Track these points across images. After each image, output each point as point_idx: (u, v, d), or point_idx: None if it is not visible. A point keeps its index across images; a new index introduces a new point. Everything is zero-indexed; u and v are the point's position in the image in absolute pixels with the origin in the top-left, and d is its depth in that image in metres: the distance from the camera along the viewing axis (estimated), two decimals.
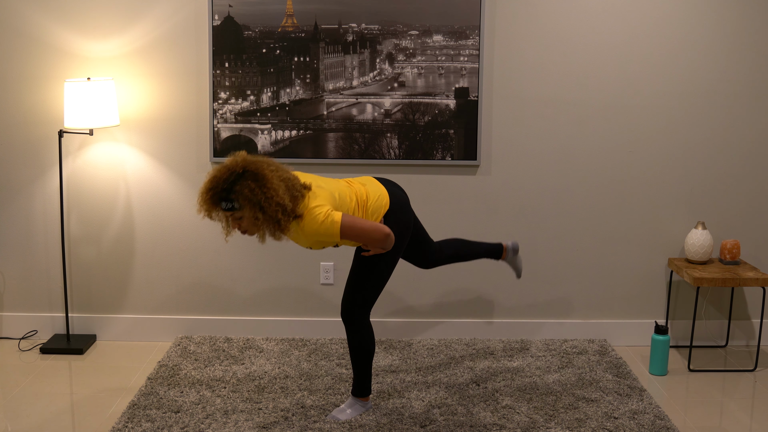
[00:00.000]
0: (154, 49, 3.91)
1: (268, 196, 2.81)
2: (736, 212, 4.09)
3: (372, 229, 2.93)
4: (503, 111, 3.98)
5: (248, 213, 2.84)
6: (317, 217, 2.89)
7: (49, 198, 4.03)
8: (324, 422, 3.20)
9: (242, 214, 2.86)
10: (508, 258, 3.69)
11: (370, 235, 2.94)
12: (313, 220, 2.90)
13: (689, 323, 4.14)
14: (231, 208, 2.85)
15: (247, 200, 2.81)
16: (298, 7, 3.87)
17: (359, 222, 2.93)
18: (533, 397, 3.46)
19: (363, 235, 2.93)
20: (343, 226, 2.89)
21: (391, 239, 2.98)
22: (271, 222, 2.85)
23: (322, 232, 2.91)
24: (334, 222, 2.89)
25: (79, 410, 3.37)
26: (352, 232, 2.92)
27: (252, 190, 2.81)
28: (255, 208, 2.82)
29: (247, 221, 2.88)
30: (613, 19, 3.90)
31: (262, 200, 2.81)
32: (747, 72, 3.96)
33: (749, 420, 3.38)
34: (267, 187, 2.82)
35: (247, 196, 2.81)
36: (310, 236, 2.94)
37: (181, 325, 4.14)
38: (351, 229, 2.91)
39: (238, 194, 2.82)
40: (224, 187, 2.84)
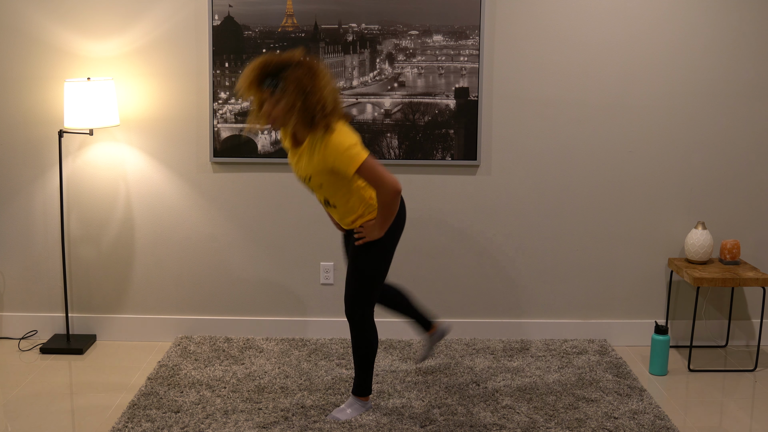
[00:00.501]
0: (154, 49, 3.91)
1: (315, 90, 2.84)
2: (736, 212, 4.09)
3: (389, 180, 2.93)
4: (503, 111, 3.98)
5: (288, 99, 2.85)
6: (345, 141, 2.90)
7: (49, 198, 4.03)
8: (324, 422, 3.20)
9: (281, 98, 2.87)
10: (432, 337, 3.61)
11: (384, 184, 2.93)
12: (341, 142, 2.90)
13: (689, 323, 4.14)
14: (274, 86, 2.86)
15: (293, 84, 2.83)
16: (298, 7, 3.87)
17: (379, 168, 2.93)
18: (533, 397, 3.46)
19: (378, 180, 2.93)
20: (365, 163, 2.90)
21: (396, 203, 2.96)
22: (307, 116, 2.87)
23: (342, 158, 2.89)
24: (360, 154, 2.90)
25: (79, 410, 3.37)
26: (369, 173, 2.92)
27: (302, 78, 2.84)
28: (298, 94, 2.83)
29: (283, 108, 2.88)
30: (613, 19, 3.90)
31: (308, 89, 2.83)
32: (747, 72, 3.96)
33: (749, 420, 3.38)
34: (317, 81, 2.86)
35: (295, 79, 2.84)
36: (328, 157, 2.91)
37: (181, 325, 4.14)
38: (371, 169, 2.91)
39: (287, 76, 2.85)
40: (276, 66, 2.87)
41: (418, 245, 4.08)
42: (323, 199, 3.13)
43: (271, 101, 2.90)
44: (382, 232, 3.06)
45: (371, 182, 2.94)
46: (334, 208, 3.13)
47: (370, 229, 3.08)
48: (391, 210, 2.99)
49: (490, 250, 4.11)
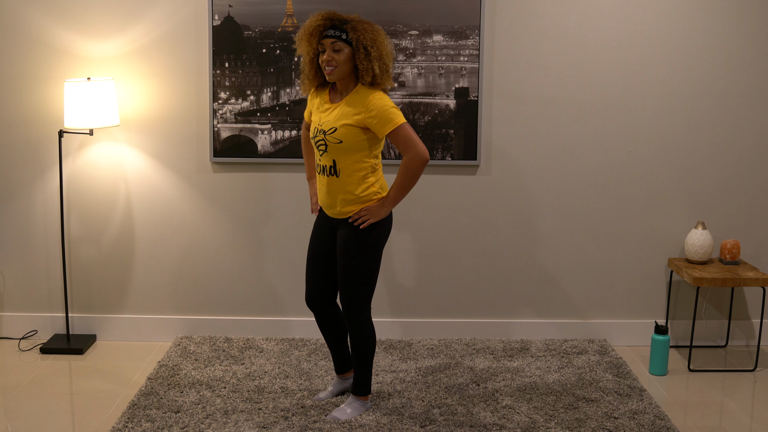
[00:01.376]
0: (154, 49, 3.91)
1: (378, 44, 2.98)
2: (736, 212, 4.09)
3: (421, 147, 2.99)
4: (503, 111, 3.98)
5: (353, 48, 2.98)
6: (389, 102, 3.01)
7: (49, 198, 4.03)
8: (324, 422, 3.20)
9: (344, 47, 2.98)
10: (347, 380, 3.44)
11: (416, 148, 2.98)
12: (386, 99, 3.00)
13: (689, 323, 4.14)
14: (339, 36, 2.97)
15: (359, 34, 2.96)
16: (298, 7, 3.87)
17: (414, 133, 3.00)
18: (533, 397, 3.46)
19: (411, 142, 2.99)
20: (403, 126, 2.98)
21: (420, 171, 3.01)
22: (369, 66, 2.97)
23: (382, 114, 2.96)
24: (399, 115, 2.99)
25: (79, 410, 3.37)
26: (404, 135, 2.98)
27: (367, 31, 2.99)
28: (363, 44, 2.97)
29: (346, 56, 2.99)
30: (613, 18, 3.90)
31: (371, 42, 2.96)
32: (747, 72, 3.96)
33: (749, 420, 3.38)
34: (379, 39, 3.00)
35: (361, 30, 2.96)
36: (371, 109, 2.97)
37: (181, 325, 4.14)
38: (406, 132, 2.98)
39: (353, 26, 2.98)
40: (340, 18, 3.01)
41: (418, 245, 4.08)
42: (330, 163, 3.06)
43: (332, 49, 2.99)
44: (389, 209, 3.06)
45: (404, 143, 2.98)
46: (335, 178, 3.06)
47: (375, 209, 3.06)
48: (413, 177, 3.03)
49: (490, 250, 4.11)
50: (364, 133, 3.01)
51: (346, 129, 3.00)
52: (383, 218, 3.10)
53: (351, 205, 3.09)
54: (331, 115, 3.04)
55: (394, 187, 3.05)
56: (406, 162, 3.00)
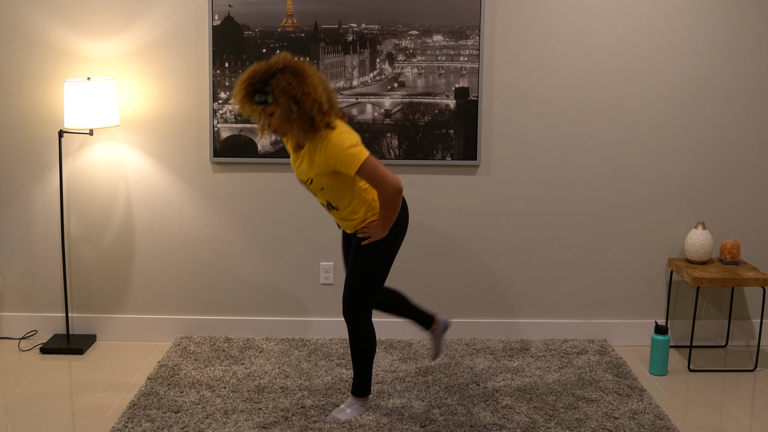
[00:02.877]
0: (154, 49, 3.91)
1: (306, 92, 2.81)
2: (736, 212, 4.09)
3: (390, 178, 2.91)
4: (503, 111, 3.98)
5: (282, 107, 2.83)
6: (347, 140, 2.88)
7: (49, 198, 4.03)
8: (324, 422, 3.20)
9: (275, 110, 2.85)
10: (436, 332, 3.57)
11: (386, 183, 2.91)
12: (342, 141, 2.88)
13: (689, 323, 4.14)
14: (264, 102, 2.84)
15: (282, 92, 2.80)
16: (298, 7, 3.87)
17: (381, 167, 2.91)
18: (533, 397, 3.46)
19: (379, 179, 2.90)
20: (366, 162, 2.88)
21: (398, 201, 2.95)
22: (306, 118, 2.83)
23: (343, 158, 2.87)
24: (362, 153, 2.88)
25: (79, 410, 3.37)
26: (370, 172, 2.89)
27: (289, 84, 2.80)
28: (290, 101, 2.80)
29: (279, 117, 2.86)
30: (613, 19, 3.90)
31: (298, 94, 2.80)
32: (747, 72, 3.96)
33: (749, 420, 3.38)
34: (305, 83, 2.82)
35: (283, 87, 2.80)
36: (329, 157, 2.89)
37: (181, 325, 4.14)
38: (371, 169, 2.89)
39: (273, 87, 2.81)
40: (261, 80, 2.83)
41: (418, 245, 4.08)
42: (326, 203, 3.12)
43: (265, 114, 2.89)
44: (385, 231, 3.06)
45: (372, 182, 2.93)
46: (337, 211, 3.12)
47: (373, 229, 3.08)
48: (393, 209, 2.98)
49: (490, 250, 4.11)
50: (338, 175, 2.98)
51: (320, 178, 2.99)
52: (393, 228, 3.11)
53: (361, 223, 3.14)
54: (303, 166, 3.02)
55: (380, 218, 3.03)
56: (381, 197, 2.96)
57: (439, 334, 3.59)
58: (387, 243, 3.12)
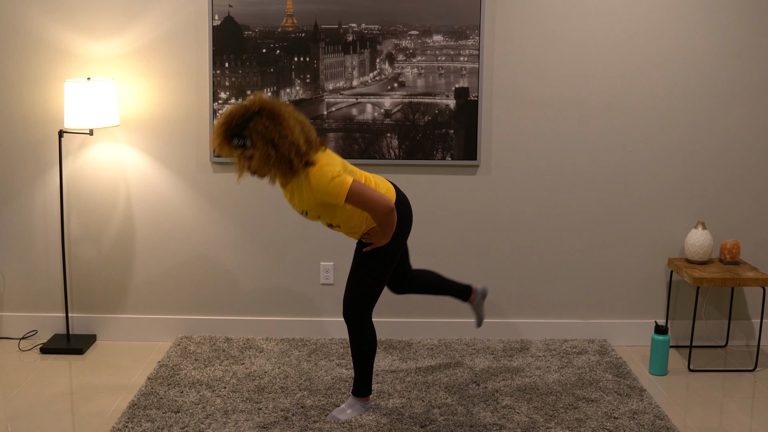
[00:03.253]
0: (154, 49, 3.91)
1: (283, 135, 2.78)
2: (736, 212, 4.09)
3: (379, 199, 2.90)
4: (503, 111, 3.98)
5: (260, 151, 2.81)
6: (327, 174, 2.86)
7: (49, 198, 4.03)
8: (324, 422, 3.20)
9: (253, 153, 2.83)
10: (475, 301, 3.63)
11: (376, 206, 2.90)
12: (324, 175, 2.86)
13: (689, 323, 4.14)
14: (242, 145, 2.82)
15: (260, 137, 2.78)
16: (298, 7, 3.87)
17: (368, 190, 2.90)
18: (533, 397, 3.46)
19: (369, 203, 2.90)
20: (352, 189, 2.86)
21: (393, 217, 2.95)
22: (284, 161, 2.81)
23: (329, 190, 2.86)
24: (344, 182, 2.86)
25: (79, 410, 3.37)
26: (358, 198, 2.88)
27: (266, 127, 2.78)
28: (268, 145, 2.78)
29: (258, 160, 2.84)
30: (613, 19, 3.90)
31: (275, 137, 2.78)
32: (747, 72, 3.96)
33: (749, 420, 3.38)
34: (282, 126, 2.79)
35: (260, 132, 2.78)
36: (315, 193, 2.89)
37: (181, 325, 4.14)
38: (359, 194, 2.88)
39: (251, 131, 2.79)
40: (238, 123, 2.81)
41: (418, 245, 4.08)
42: (327, 224, 3.13)
43: (244, 158, 2.87)
44: (387, 239, 3.07)
45: (362, 206, 2.92)
46: (339, 228, 3.13)
47: (375, 237, 3.09)
48: (389, 225, 2.99)
49: (490, 250, 4.11)
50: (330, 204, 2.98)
51: (314, 210, 3.01)
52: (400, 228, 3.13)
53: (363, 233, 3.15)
54: (294, 200, 3.02)
55: (379, 233, 3.04)
56: (376, 218, 2.97)
57: (478, 303, 3.64)
58: (391, 246, 3.14)
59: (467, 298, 3.61)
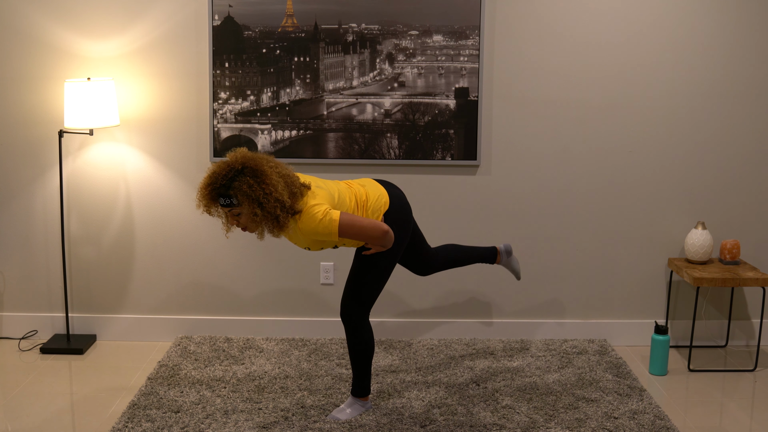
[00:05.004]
0: (154, 49, 3.91)
1: (267, 192, 2.82)
2: (736, 212, 4.09)
3: (371, 227, 2.93)
4: (503, 111, 3.98)
5: (247, 209, 2.86)
6: (315, 216, 2.90)
7: (49, 198, 4.03)
8: (324, 422, 3.20)
9: (240, 210, 2.88)
10: (503, 261, 3.68)
11: (369, 233, 2.94)
12: (311, 219, 2.90)
13: (689, 323, 4.14)
14: (229, 204, 2.87)
15: (245, 196, 2.82)
16: (298, 7, 3.87)
17: (358, 220, 2.93)
18: (533, 397, 3.46)
19: (362, 233, 2.93)
20: (342, 225, 2.90)
21: (390, 236, 2.98)
22: (270, 218, 2.86)
23: (320, 231, 2.91)
24: (332, 221, 2.89)
25: (79, 410, 3.37)
26: (350, 231, 2.92)
27: (251, 186, 2.82)
28: (253, 204, 2.82)
29: (246, 217, 2.89)
30: (613, 18, 3.90)
31: (260, 196, 2.81)
32: (747, 72, 3.96)
33: (749, 420, 3.38)
34: (266, 183, 2.83)
35: (245, 192, 2.82)
36: (308, 235, 2.94)
37: (181, 325, 4.14)
38: (350, 227, 2.91)
39: (236, 190, 2.83)
40: (223, 183, 2.84)
41: None
42: (333, 247, 3.16)
43: (232, 216, 2.91)
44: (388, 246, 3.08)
45: (356, 237, 2.95)
46: (346, 245, 3.15)
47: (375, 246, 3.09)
48: (386, 243, 3.01)
49: None
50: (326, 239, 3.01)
51: (315, 244, 3.05)
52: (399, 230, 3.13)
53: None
54: (294, 239, 3.04)
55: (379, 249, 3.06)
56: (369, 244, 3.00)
57: (507, 260, 3.68)
58: (391, 250, 3.14)
59: (494, 260, 3.64)
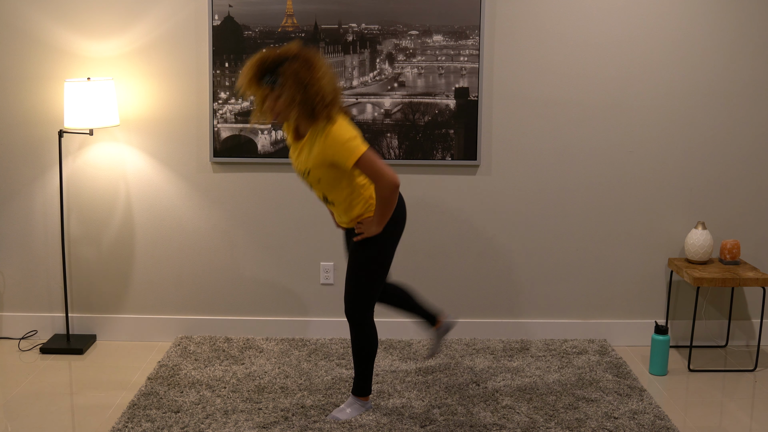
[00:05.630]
0: (154, 49, 3.91)
1: (313, 82, 2.86)
2: (736, 212, 4.09)
3: (387, 173, 2.93)
4: (503, 111, 3.98)
5: (288, 92, 2.87)
6: (346, 133, 2.91)
7: (49, 198, 4.03)
8: (324, 422, 3.21)
9: (281, 93, 2.89)
10: (438, 331, 3.54)
11: (383, 177, 2.93)
12: (341, 134, 2.91)
13: (689, 323, 4.14)
14: (272, 83, 2.89)
15: (292, 78, 2.85)
16: (298, 7, 3.87)
17: (379, 162, 2.94)
18: (533, 397, 3.46)
19: (376, 173, 2.93)
20: (365, 156, 2.91)
21: (394, 197, 2.96)
22: (308, 107, 2.88)
23: (342, 150, 2.90)
24: (359, 146, 2.91)
25: (79, 410, 3.37)
26: (368, 166, 2.92)
27: (299, 71, 2.86)
28: (298, 87, 2.85)
29: (284, 101, 2.90)
30: (613, 18, 3.90)
31: (306, 81, 2.85)
32: (747, 72, 3.96)
33: (749, 420, 3.38)
34: (314, 74, 2.87)
35: (293, 73, 2.85)
36: (328, 148, 2.91)
37: (181, 325, 4.14)
38: (369, 162, 2.92)
39: (284, 70, 2.87)
40: (273, 62, 2.89)
41: (418, 245, 4.08)
42: (322, 196, 3.13)
43: (271, 97, 2.92)
44: (380, 227, 3.06)
45: (370, 175, 2.94)
46: (333, 206, 3.13)
47: (368, 225, 3.08)
48: (389, 205, 2.99)
49: (490, 250, 4.11)
50: (336, 168, 2.99)
51: (318, 170, 3.00)
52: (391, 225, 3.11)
53: (356, 218, 3.14)
54: (301, 157, 3.04)
55: (375, 214, 3.04)
56: (378, 192, 2.97)
57: (441, 333, 3.57)
58: (384, 241, 3.12)
59: (432, 324, 3.53)
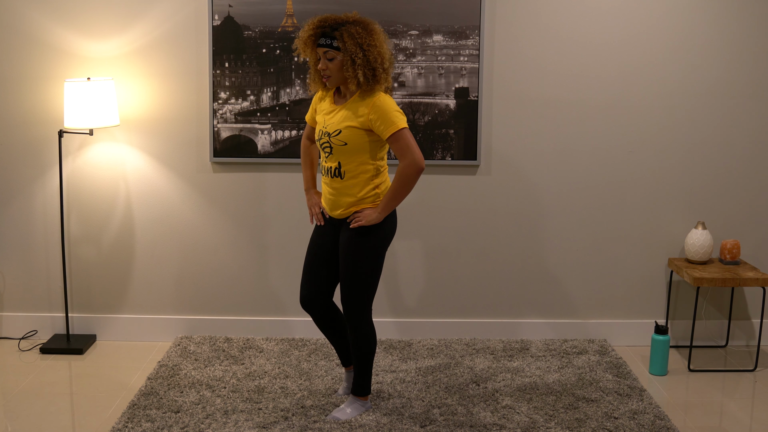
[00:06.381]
0: (154, 49, 3.91)
1: (372, 44, 2.95)
2: (736, 212, 4.09)
3: (418, 153, 2.98)
4: (503, 111, 3.98)
5: (347, 54, 2.94)
6: (395, 105, 3.00)
7: (49, 198, 4.03)
8: (324, 422, 3.20)
9: (336, 56, 2.96)
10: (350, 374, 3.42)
11: (413, 154, 2.97)
12: (391, 103, 2.99)
13: (689, 323, 4.14)
14: (329, 45, 2.95)
15: (351, 39, 2.92)
16: (298, 7, 3.87)
17: (413, 141, 2.99)
18: (533, 397, 3.46)
19: (408, 150, 2.97)
20: (404, 130, 2.97)
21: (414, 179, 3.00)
22: (369, 68, 2.94)
23: (386, 117, 2.95)
24: (403, 121, 2.98)
25: (79, 410, 3.37)
26: (403, 141, 2.97)
27: (358, 33, 2.93)
28: (357, 48, 2.92)
29: (339, 63, 2.97)
30: (613, 18, 3.90)
31: (365, 44, 2.92)
32: (747, 71, 3.96)
33: (749, 420, 3.38)
34: (373, 37, 2.96)
35: (352, 35, 2.93)
36: (373, 112, 2.95)
37: (181, 325, 4.14)
38: (406, 138, 2.97)
39: (343, 32, 2.94)
40: (332, 24, 2.97)
41: (418, 245, 4.08)
42: (335, 165, 3.06)
43: (325, 58, 2.99)
44: (382, 216, 3.04)
45: (401, 150, 2.97)
46: (340, 180, 3.07)
47: (368, 214, 3.05)
48: (406, 185, 3.01)
49: (490, 250, 4.11)
50: (368, 135, 3.01)
51: (350, 131, 3.01)
52: (386, 220, 3.09)
53: (353, 206, 3.10)
54: (336, 117, 3.05)
55: (388, 194, 3.03)
56: (402, 169, 2.99)
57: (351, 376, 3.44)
58: (378, 238, 3.10)
59: (349, 364, 3.43)
